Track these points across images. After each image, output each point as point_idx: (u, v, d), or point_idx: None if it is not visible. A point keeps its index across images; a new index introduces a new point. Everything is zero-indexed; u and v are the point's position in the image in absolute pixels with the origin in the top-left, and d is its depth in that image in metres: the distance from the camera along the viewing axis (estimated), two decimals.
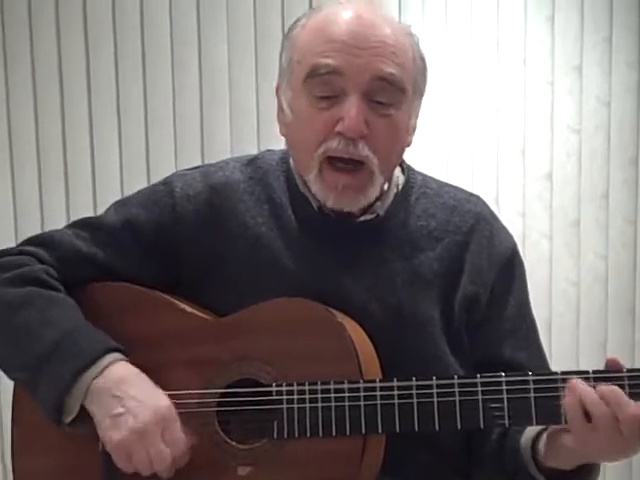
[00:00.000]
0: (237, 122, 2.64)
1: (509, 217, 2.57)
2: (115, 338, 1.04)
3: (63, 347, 1.00)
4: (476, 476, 1.16)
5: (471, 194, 1.17)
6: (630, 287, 2.70)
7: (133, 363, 1.03)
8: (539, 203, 2.70)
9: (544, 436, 0.99)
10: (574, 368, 0.96)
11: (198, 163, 1.26)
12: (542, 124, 2.66)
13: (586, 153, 2.67)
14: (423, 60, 1.08)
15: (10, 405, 1.12)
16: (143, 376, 1.01)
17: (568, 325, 2.71)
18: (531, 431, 1.02)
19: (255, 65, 2.61)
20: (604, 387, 0.91)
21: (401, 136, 1.07)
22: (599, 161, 2.67)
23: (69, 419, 1.01)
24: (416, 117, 1.10)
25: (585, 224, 2.70)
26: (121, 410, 0.97)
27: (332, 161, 1.03)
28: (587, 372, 0.94)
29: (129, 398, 0.98)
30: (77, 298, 1.09)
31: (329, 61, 1.00)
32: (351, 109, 1.00)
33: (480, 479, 1.16)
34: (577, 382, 0.92)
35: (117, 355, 1.02)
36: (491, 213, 1.17)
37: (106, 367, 1.00)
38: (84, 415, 1.01)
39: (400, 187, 1.13)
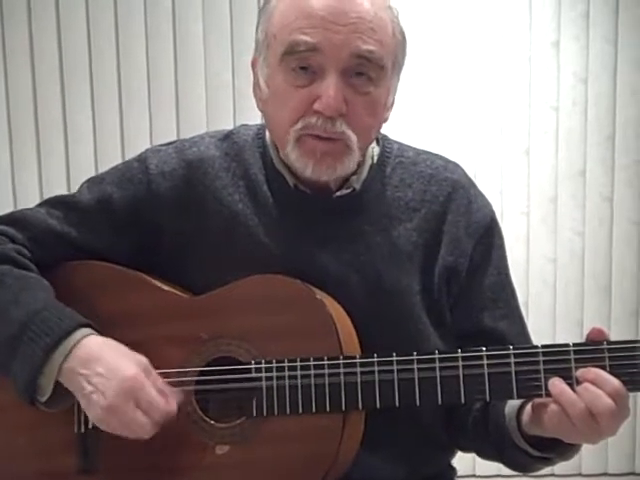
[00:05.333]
0: (212, 97, 2.61)
1: (486, 194, 2.59)
2: (91, 317, 1.02)
3: (32, 327, 0.99)
4: (463, 447, 1.16)
5: (449, 161, 1.16)
6: (606, 264, 2.72)
7: None
8: (516, 180, 2.70)
9: (528, 407, 0.99)
10: None
11: (174, 138, 1.24)
12: (520, 101, 2.66)
13: (563, 130, 2.68)
14: (403, 34, 1.06)
15: None
16: (111, 345, 1.00)
17: (545, 302, 2.73)
18: (515, 401, 1.01)
19: (231, 39, 2.58)
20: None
21: (379, 113, 1.05)
22: (576, 138, 2.68)
23: (44, 399, 0.99)
24: (394, 93, 1.08)
25: (562, 201, 2.71)
26: (90, 389, 0.96)
27: (309, 135, 1.02)
28: (567, 345, 0.94)
29: (95, 375, 0.96)
30: (51, 277, 1.07)
31: (307, 38, 0.98)
32: (329, 87, 0.98)
33: (467, 449, 1.16)
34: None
35: (86, 331, 1.00)
36: (469, 180, 1.16)
37: (75, 345, 0.98)
38: (59, 393, 0.99)
39: (375, 158, 1.12)
